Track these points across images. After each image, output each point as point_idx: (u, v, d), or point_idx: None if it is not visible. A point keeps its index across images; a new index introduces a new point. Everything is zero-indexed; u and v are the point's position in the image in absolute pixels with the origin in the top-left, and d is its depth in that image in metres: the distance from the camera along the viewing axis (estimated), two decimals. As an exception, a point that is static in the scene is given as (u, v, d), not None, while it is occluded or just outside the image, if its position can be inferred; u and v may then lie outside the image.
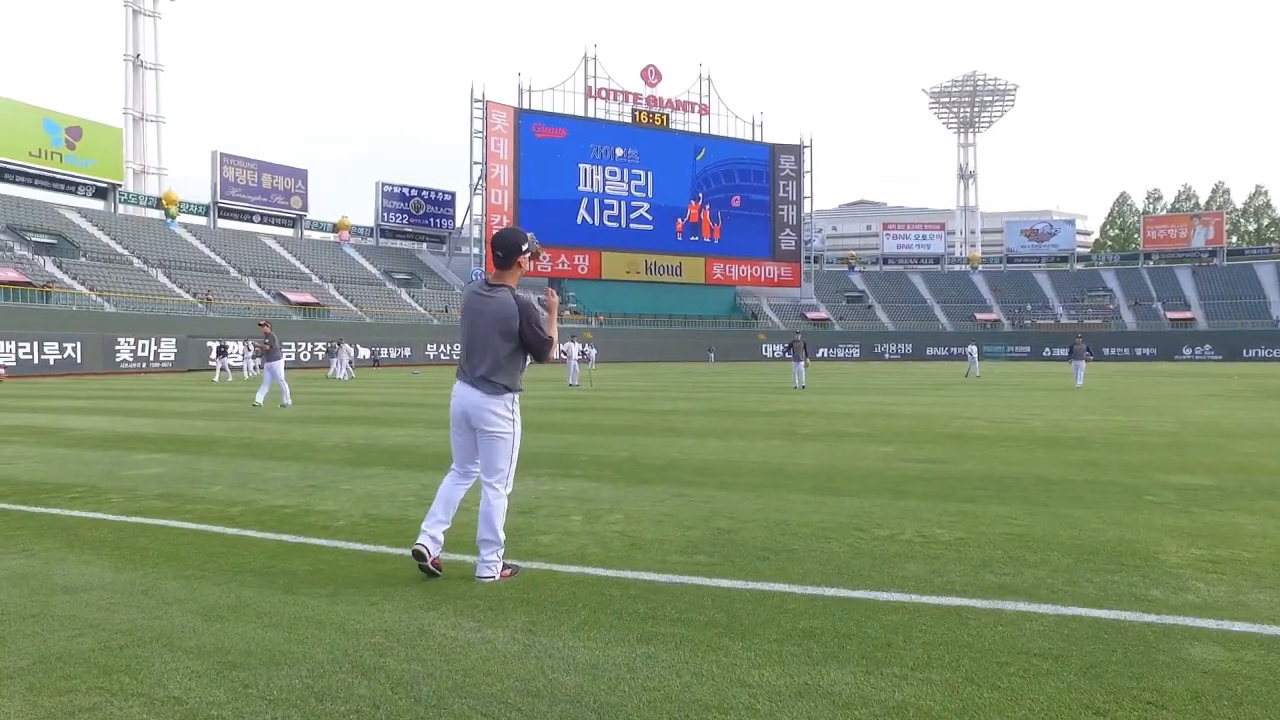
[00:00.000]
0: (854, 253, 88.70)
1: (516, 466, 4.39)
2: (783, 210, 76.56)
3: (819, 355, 62.36)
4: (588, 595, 3.99)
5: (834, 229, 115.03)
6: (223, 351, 34.02)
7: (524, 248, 4.25)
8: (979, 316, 74.33)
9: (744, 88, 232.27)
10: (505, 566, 4.30)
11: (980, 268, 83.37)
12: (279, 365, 17.00)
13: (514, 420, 4.29)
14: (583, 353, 32.04)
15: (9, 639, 3.46)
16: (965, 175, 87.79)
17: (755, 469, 8.10)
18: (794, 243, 76.51)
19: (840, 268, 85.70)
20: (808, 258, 77.81)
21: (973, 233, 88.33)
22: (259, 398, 16.54)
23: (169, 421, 13.73)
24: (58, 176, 52.44)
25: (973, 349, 34.32)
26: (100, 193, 55.07)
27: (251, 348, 33.46)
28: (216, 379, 31.50)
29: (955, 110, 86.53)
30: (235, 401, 18.84)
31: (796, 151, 77.11)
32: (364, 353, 48.31)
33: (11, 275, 40.21)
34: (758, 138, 76.52)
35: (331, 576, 4.34)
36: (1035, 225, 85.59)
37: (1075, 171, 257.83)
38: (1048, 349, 64.68)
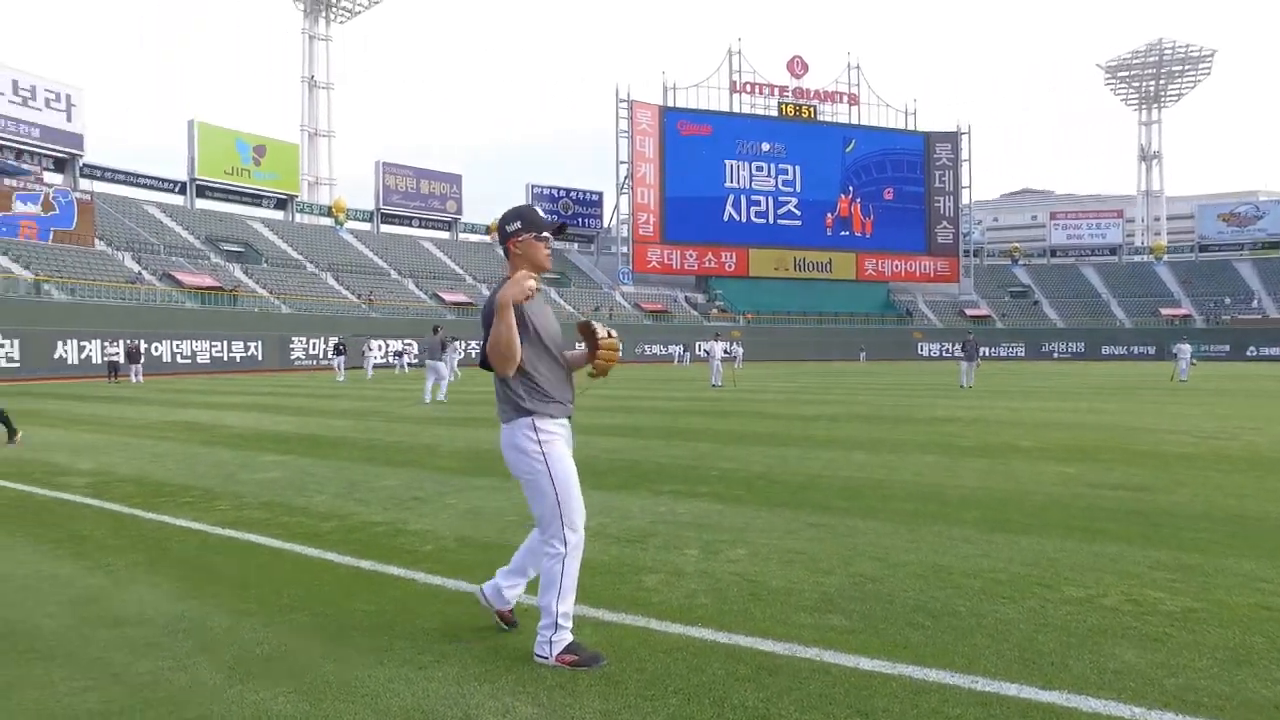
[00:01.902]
0: (1017, 245, 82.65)
1: (575, 506, 3.27)
2: (939, 202, 72.36)
3: (980, 356, 58.31)
4: (686, 671, 3.14)
5: (995, 220, 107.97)
6: (339, 350, 34.54)
7: (509, 228, 3.23)
8: (1164, 312, 67.18)
9: (895, 75, 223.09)
10: (568, 651, 3.20)
11: (1166, 258, 75.45)
12: (443, 366, 18.67)
13: (542, 453, 3.23)
14: (727, 351, 31.16)
15: (17, 688, 3.04)
16: (1147, 156, 79.70)
17: (907, 491, 6.95)
18: (951, 236, 72.13)
19: (1002, 261, 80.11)
20: (966, 251, 73.17)
21: (1156, 219, 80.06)
22: (441, 395, 18.14)
23: (310, 420, 14.01)
24: (246, 191, 57.31)
25: (1184, 348, 29.01)
26: (280, 204, 59.53)
27: (414, 346, 34.73)
28: (341, 379, 30.83)
29: (1136, 85, 78.70)
30: (381, 400, 19.28)
31: (953, 139, 72.68)
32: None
33: (207, 281, 43.96)
34: (911, 126, 72.73)
35: (391, 623, 3.72)
36: (1236, 208, 76.46)
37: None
38: (1252, 347, 57.48)
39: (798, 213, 70.48)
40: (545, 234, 3.25)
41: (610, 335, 3.37)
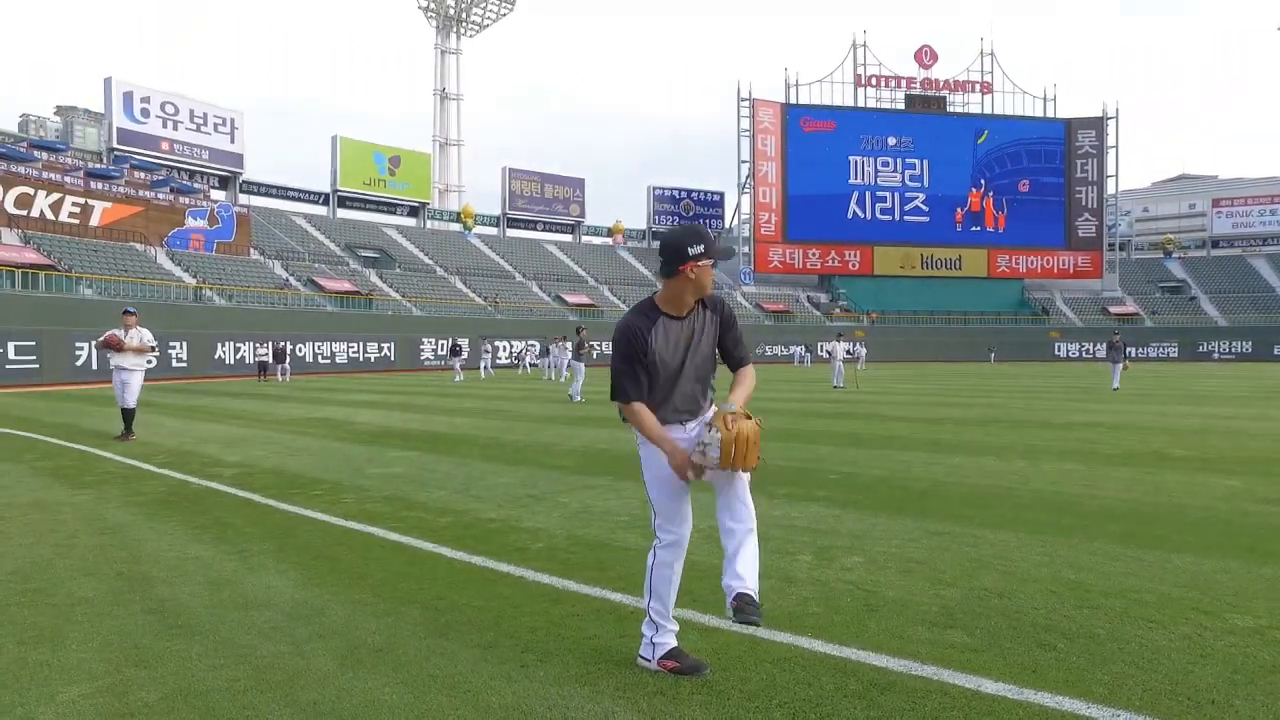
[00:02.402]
0: (1171, 236, 76.41)
1: (664, 509, 3.19)
2: (1080, 193, 67.90)
3: (1127, 355, 54.28)
4: (792, 683, 2.99)
5: (1145, 210, 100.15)
6: (455, 351, 34.45)
7: (692, 250, 2.99)
8: (1352, 308, 60.44)
9: (1033, 59, 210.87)
10: (669, 656, 3.12)
11: (1353, 247, 67.90)
12: (582, 366, 20.01)
13: (640, 450, 3.23)
14: (849, 352, 30.33)
15: (163, 660, 3.26)
16: (1330, 136, 71.85)
17: (1040, 501, 6.48)
18: (1094, 228, 67.54)
19: (1153, 254, 74.28)
20: (1111, 244, 68.30)
21: (1344, 203, 72.14)
22: (575, 393, 18.84)
23: (435, 418, 14.55)
24: (382, 200, 60.50)
25: None
26: (413, 211, 62.48)
27: (536, 346, 35.37)
28: (459, 379, 30.87)
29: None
30: (504, 399, 19.84)
31: (1097, 125, 68.03)
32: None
33: (345, 286, 46.70)
34: (1049, 113, 68.62)
35: (498, 619, 3.75)
36: None
37: None
38: None
39: (925, 208, 67.84)
40: (716, 259, 3.07)
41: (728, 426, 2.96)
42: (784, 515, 5.99)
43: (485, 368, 37.14)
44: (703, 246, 3.00)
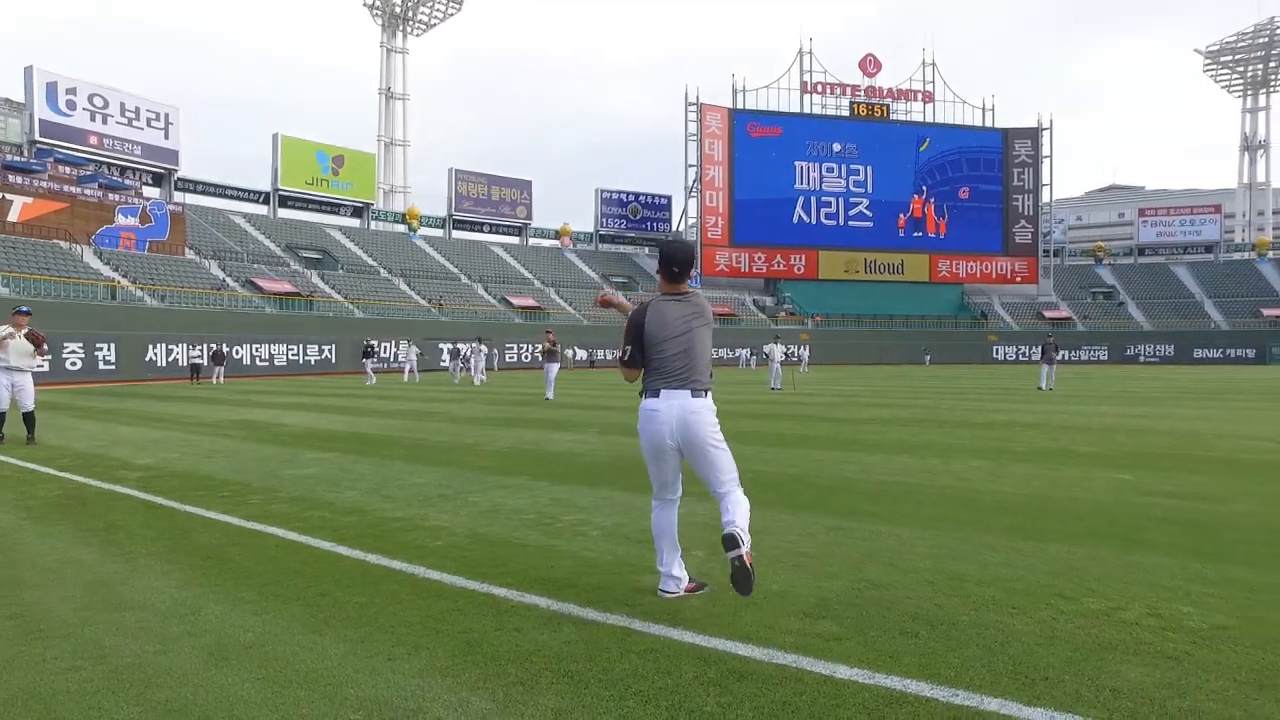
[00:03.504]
0: (1102, 244, 79.12)
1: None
2: (1017, 200, 69.92)
3: (1059, 358, 56.05)
4: (653, 673, 3.05)
5: (1078, 219, 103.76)
6: (368, 353, 32.71)
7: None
8: (1266, 312, 63.28)
9: (973, 70, 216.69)
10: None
11: (1270, 254, 71.07)
12: (554, 367, 20.36)
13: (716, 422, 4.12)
14: (788, 354, 30.74)
15: (12, 665, 3.17)
16: (1251, 146, 75.29)
17: (943, 496, 6.67)
18: (1030, 235, 69.58)
19: (1085, 261, 76.80)
20: (1046, 251, 70.42)
21: (1260, 214, 75.51)
22: (549, 394, 19.42)
23: (364, 420, 14.36)
24: (325, 200, 59.35)
25: None
26: (357, 212, 61.45)
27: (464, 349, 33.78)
28: (371, 382, 29.54)
29: (1242, 69, 74.32)
30: (438, 401, 19.65)
31: (1033, 135, 70.14)
32: (580, 354, 49.86)
33: (286, 287, 45.72)
34: (988, 123, 70.53)
35: (376, 615, 3.74)
36: (1346, 204, 71.57)
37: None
38: (1364, 352, 53.65)
39: (869, 214, 69.10)
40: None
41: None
42: (689, 512, 6.04)
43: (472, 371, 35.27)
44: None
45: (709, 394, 4.00)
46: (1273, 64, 73.02)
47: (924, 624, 3.58)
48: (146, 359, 34.75)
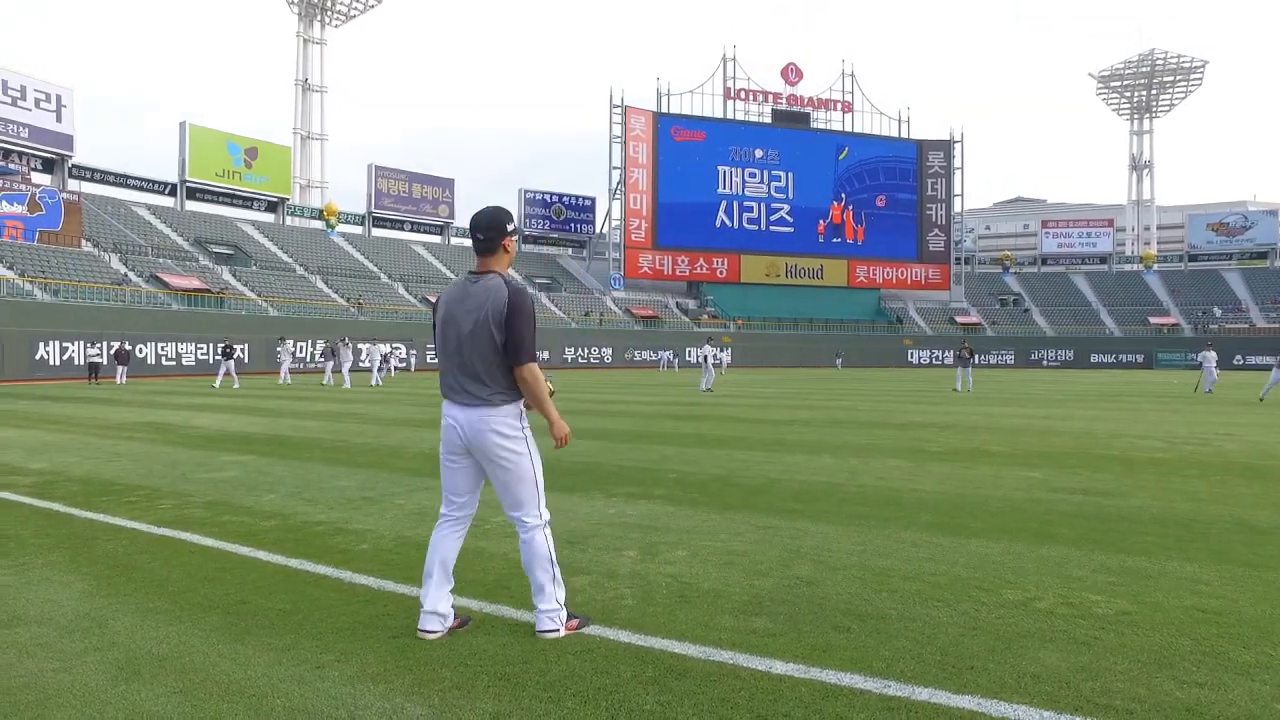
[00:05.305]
0: (1009, 253, 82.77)
1: (544, 489, 3.58)
2: (931, 210, 72.49)
3: (974, 363, 58.32)
4: (590, 673, 3.03)
5: (987, 229, 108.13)
6: (227, 353, 27.63)
7: (509, 227, 3.50)
8: (1153, 320, 67.34)
9: (889, 83, 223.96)
10: (572, 618, 3.53)
11: (1156, 267, 75.64)
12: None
13: (525, 438, 3.45)
14: (718, 357, 31.08)
15: (-106, 689, 2.92)
16: (1138, 166, 79.92)
17: (865, 495, 6.85)
18: (943, 243, 72.23)
19: (994, 269, 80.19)
20: (958, 259, 73.23)
21: (1146, 229, 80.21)
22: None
23: (283, 421, 13.87)
24: (237, 193, 57.01)
25: (1210, 355, 25.95)
26: (271, 206, 59.29)
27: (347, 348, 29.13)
28: (218, 384, 26.56)
29: (1128, 95, 78.93)
30: (357, 402, 19.14)
31: (946, 147, 72.84)
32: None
33: (195, 283, 43.74)
34: (904, 134, 72.87)
35: (302, 622, 3.61)
36: (1225, 218, 76.69)
37: (1278, 158, 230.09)
38: (1239, 355, 57.57)
39: (790, 219, 70.51)
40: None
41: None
42: (619, 513, 6.07)
43: (284, 371, 31.05)
44: (512, 225, 3.52)
45: (504, 404, 3.41)
46: (1154, 91, 77.78)
47: (854, 618, 3.67)
48: (36, 357, 32.74)
